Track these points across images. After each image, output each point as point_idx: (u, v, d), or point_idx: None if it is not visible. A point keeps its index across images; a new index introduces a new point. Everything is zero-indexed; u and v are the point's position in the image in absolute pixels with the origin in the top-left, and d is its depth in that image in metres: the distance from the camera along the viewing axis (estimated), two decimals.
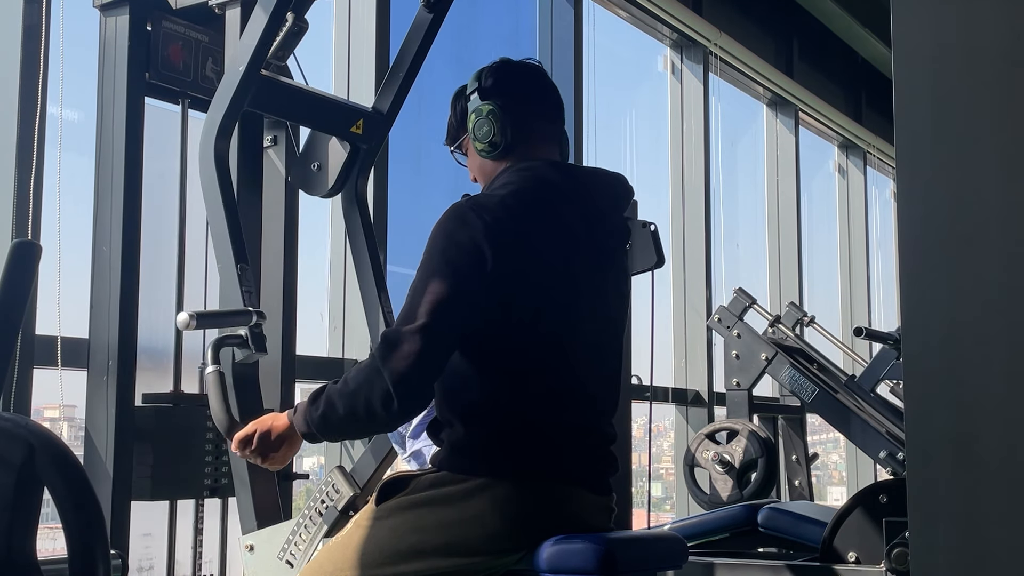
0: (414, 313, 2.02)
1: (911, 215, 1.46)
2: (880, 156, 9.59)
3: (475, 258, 2.04)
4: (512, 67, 2.31)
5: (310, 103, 2.90)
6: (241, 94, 2.65)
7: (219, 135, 2.64)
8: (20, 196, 3.14)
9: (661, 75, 7.01)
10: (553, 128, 2.30)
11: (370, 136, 2.94)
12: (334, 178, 2.93)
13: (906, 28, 1.48)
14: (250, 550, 2.60)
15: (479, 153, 2.26)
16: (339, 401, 2.05)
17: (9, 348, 2.12)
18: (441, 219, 2.10)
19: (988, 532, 1.38)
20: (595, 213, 2.22)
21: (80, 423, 3.39)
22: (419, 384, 2.02)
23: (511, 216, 2.09)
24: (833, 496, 9.10)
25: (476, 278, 2.04)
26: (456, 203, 2.11)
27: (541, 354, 2.11)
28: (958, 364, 1.41)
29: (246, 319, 2.51)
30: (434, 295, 2.02)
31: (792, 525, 4.03)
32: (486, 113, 2.22)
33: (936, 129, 1.45)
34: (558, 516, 2.07)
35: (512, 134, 2.22)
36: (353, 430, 2.16)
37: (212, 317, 2.58)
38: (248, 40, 2.66)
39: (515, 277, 2.07)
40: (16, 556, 1.73)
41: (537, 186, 2.16)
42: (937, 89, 1.46)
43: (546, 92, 2.31)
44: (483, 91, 2.26)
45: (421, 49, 2.93)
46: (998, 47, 1.43)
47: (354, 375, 2.05)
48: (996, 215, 1.41)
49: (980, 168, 1.43)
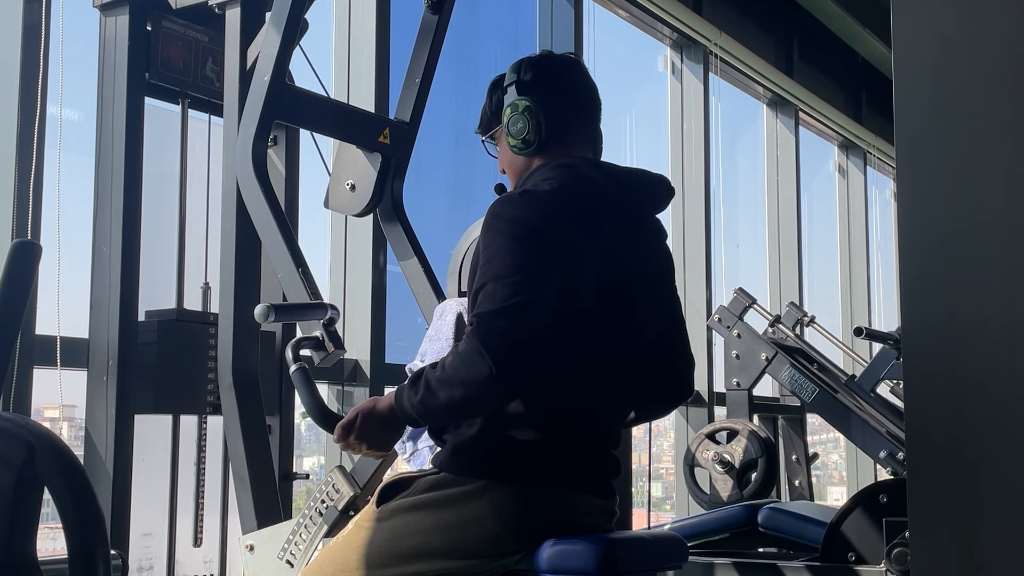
0: (502, 293, 1.96)
1: (911, 215, 1.46)
2: (880, 156, 9.59)
3: (542, 237, 2.00)
4: (552, 62, 2.26)
5: (338, 114, 2.90)
6: (271, 105, 2.65)
7: (255, 146, 2.64)
8: (20, 196, 3.14)
9: (661, 75, 7.01)
10: (589, 128, 2.26)
11: (398, 146, 2.93)
12: (370, 194, 2.91)
13: (906, 28, 1.48)
14: (250, 550, 2.60)
15: (511, 149, 2.21)
16: (438, 387, 1.97)
17: (9, 348, 2.12)
18: (494, 208, 2.05)
19: (988, 532, 1.38)
20: (633, 214, 2.19)
21: (80, 423, 3.39)
22: (520, 361, 1.96)
23: (562, 207, 2.05)
24: (833, 496, 9.10)
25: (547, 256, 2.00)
26: (504, 196, 2.08)
27: (557, 363, 2.07)
28: (958, 364, 1.41)
29: (321, 312, 2.47)
30: (517, 273, 1.97)
31: (792, 525, 4.02)
32: (522, 109, 2.18)
33: (936, 129, 1.45)
34: (558, 519, 2.06)
35: (547, 133, 2.18)
36: (455, 413, 2.05)
37: (290, 310, 2.54)
38: (268, 49, 2.66)
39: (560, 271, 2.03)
40: (16, 556, 1.73)
41: (578, 183, 2.12)
42: (937, 89, 1.46)
43: (585, 90, 2.27)
44: (521, 85, 2.20)
45: (432, 52, 2.93)
46: (998, 47, 1.43)
47: (451, 360, 1.97)
48: (996, 215, 1.41)
49: (980, 168, 1.43)
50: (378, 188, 2.91)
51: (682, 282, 6.73)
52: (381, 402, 2.08)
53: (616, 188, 2.17)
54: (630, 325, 2.16)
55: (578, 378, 2.10)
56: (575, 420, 2.11)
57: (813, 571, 3.69)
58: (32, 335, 3.14)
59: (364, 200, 2.92)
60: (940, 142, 1.45)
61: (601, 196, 2.14)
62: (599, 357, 2.11)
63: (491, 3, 5.87)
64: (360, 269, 4.40)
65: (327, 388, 4.38)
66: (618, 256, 2.14)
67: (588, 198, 2.11)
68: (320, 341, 2.46)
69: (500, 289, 1.96)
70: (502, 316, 1.95)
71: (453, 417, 2.08)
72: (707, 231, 6.79)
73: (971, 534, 1.38)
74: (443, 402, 1.97)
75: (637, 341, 2.18)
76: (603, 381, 2.13)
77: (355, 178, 2.93)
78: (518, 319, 1.95)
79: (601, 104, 2.30)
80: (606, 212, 2.13)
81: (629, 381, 2.19)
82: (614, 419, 2.21)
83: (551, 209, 2.04)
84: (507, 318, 1.94)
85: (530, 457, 2.06)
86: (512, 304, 1.95)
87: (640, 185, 2.24)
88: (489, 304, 1.96)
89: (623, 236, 2.15)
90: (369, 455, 2.16)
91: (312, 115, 2.86)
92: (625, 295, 2.14)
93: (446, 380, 1.96)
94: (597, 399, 2.14)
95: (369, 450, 2.12)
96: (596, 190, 2.13)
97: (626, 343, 2.16)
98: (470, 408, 2.02)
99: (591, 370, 2.11)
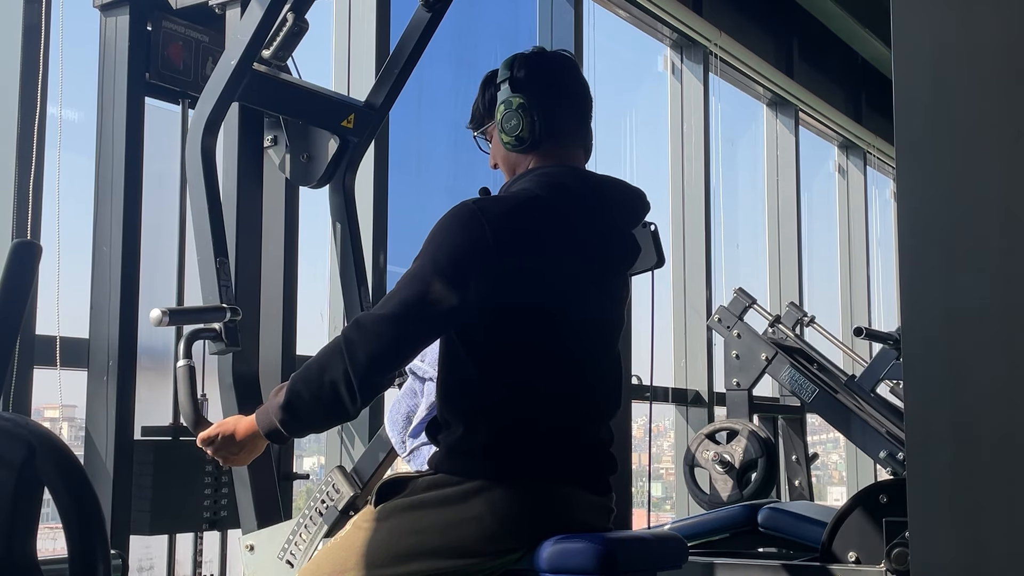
0: (391, 302, 2.02)
1: (911, 215, 1.46)
2: (880, 156, 9.59)
3: (469, 261, 2.02)
4: (546, 59, 2.26)
5: (302, 97, 2.88)
6: (232, 87, 2.64)
7: (207, 128, 2.64)
8: (20, 196, 3.14)
9: (661, 75, 7.01)
10: (581, 127, 2.26)
11: (361, 130, 2.94)
12: (323, 169, 2.94)
13: (906, 28, 1.48)
14: (250, 550, 2.60)
15: (504, 145, 2.22)
16: (303, 387, 2.04)
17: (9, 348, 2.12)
18: (445, 216, 2.08)
19: (988, 532, 1.38)
20: (608, 224, 2.20)
21: (80, 423, 3.39)
22: (378, 372, 2.02)
23: (515, 223, 2.07)
24: (833, 496, 9.10)
25: (465, 283, 2.01)
26: (463, 202, 2.09)
27: (541, 359, 2.10)
28: (958, 364, 1.41)
29: (220, 316, 2.51)
30: (415, 290, 2.01)
31: (792, 525, 4.02)
32: (516, 106, 2.18)
33: (936, 129, 1.45)
34: (556, 516, 2.06)
35: (540, 131, 2.18)
36: (319, 416, 2.09)
37: (185, 314, 2.58)
38: (242, 35, 2.65)
39: (515, 283, 2.05)
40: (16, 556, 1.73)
41: (552, 193, 2.13)
42: (937, 89, 1.46)
43: (578, 89, 2.27)
44: (515, 82, 2.20)
45: (417, 47, 2.93)
46: (998, 47, 1.43)
47: (316, 358, 2.04)
48: (996, 215, 1.41)
49: (980, 168, 1.43)
50: (332, 165, 2.94)
51: (682, 282, 6.73)
52: (241, 424, 2.18)
53: (593, 197, 2.19)
54: (601, 326, 2.21)
55: (561, 373, 2.12)
56: (569, 420, 2.12)
57: (813, 571, 3.69)
58: (32, 335, 3.14)
59: (317, 173, 2.96)
60: (940, 142, 1.45)
61: (575, 203, 2.15)
62: (577, 352, 2.14)
63: (491, 3, 5.87)
64: None
65: None
66: (589, 260, 2.16)
67: (559, 208, 2.12)
68: (218, 334, 2.51)
69: (389, 299, 2.02)
70: (378, 325, 2.00)
71: (318, 420, 2.12)
72: (707, 231, 6.78)
73: (971, 534, 1.38)
74: (308, 400, 2.04)
75: (609, 343, 2.23)
76: (585, 376, 2.15)
77: (312, 151, 2.96)
78: (391, 332, 2.00)
79: (593, 102, 2.30)
80: (579, 220, 2.14)
81: (611, 377, 2.23)
82: (602, 413, 2.22)
83: (502, 213, 2.06)
84: (380, 328, 2.00)
85: (526, 456, 2.06)
86: (393, 316, 2.00)
87: (615, 196, 2.25)
88: (380, 308, 2.03)
89: (595, 243, 2.17)
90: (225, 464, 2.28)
91: (275, 98, 2.84)
92: (597, 298, 2.18)
93: (310, 379, 2.03)
94: (590, 400, 2.16)
95: (224, 463, 2.26)
96: (571, 197, 2.15)
97: (599, 341, 2.20)
98: (330, 408, 2.04)
99: (573, 364, 2.13)
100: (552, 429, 2.09)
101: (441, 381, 2.13)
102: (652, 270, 3.20)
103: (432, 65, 3.00)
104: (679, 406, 6.59)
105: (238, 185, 2.89)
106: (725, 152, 7.51)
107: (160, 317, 2.40)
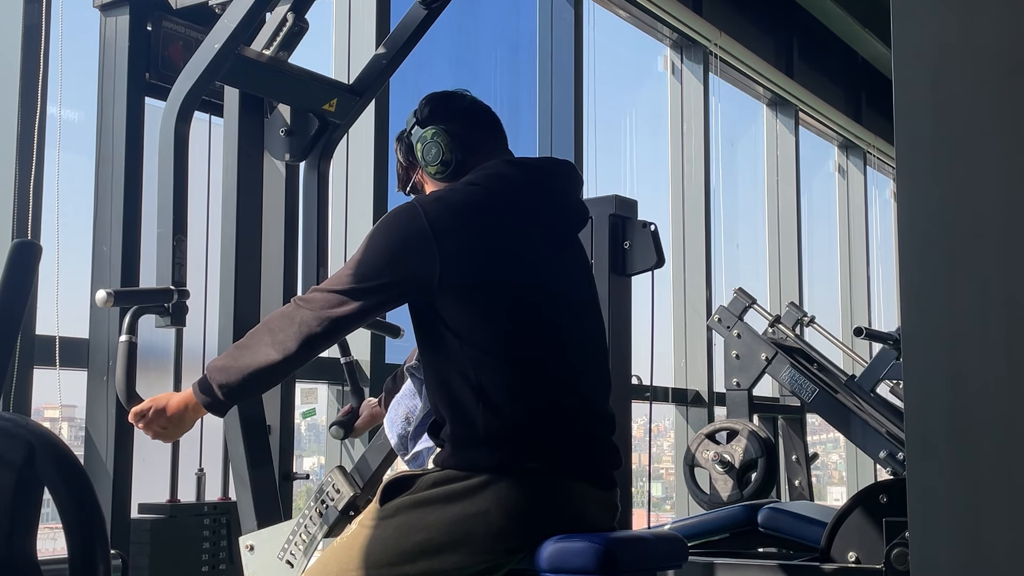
0: (338, 280, 2.11)
1: (911, 215, 1.46)
2: (880, 156, 9.59)
3: (414, 247, 2.09)
4: (446, 95, 2.36)
5: (285, 78, 2.87)
6: (212, 70, 2.63)
7: (182, 110, 2.63)
8: (20, 196, 3.14)
9: (661, 75, 7.01)
10: (497, 135, 2.34)
11: (343, 114, 2.94)
12: (300, 146, 2.94)
13: (906, 28, 1.48)
14: (250, 550, 2.60)
15: (434, 178, 2.29)
16: (243, 348, 2.13)
17: (9, 348, 2.12)
18: (386, 215, 2.17)
19: (988, 532, 1.38)
20: (553, 198, 2.26)
21: (80, 423, 3.39)
22: (316, 342, 2.11)
23: (462, 208, 2.13)
24: (833, 496, 9.10)
25: (409, 265, 2.09)
26: (403, 203, 2.17)
27: (528, 344, 2.12)
28: (958, 364, 1.41)
29: (167, 297, 2.51)
30: (360, 272, 2.10)
31: (792, 525, 4.02)
32: (431, 137, 2.27)
33: (936, 129, 1.45)
34: (562, 513, 2.07)
35: (462, 150, 2.26)
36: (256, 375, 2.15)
37: (131, 295, 2.57)
38: (228, 20, 2.64)
39: (471, 262, 2.10)
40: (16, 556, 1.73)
41: (490, 181, 2.19)
42: (937, 89, 1.46)
43: (484, 111, 2.36)
44: (422, 120, 2.30)
45: (409, 42, 2.93)
46: (998, 47, 1.43)
47: (270, 317, 2.15)
48: (996, 215, 1.41)
49: (980, 168, 1.43)
50: (309, 144, 2.95)
51: (682, 282, 6.73)
52: (174, 399, 2.25)
53: (530, 177, 2.25)
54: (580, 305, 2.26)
55: (562, 360, 2.15)
56: (567, 402, 2.14)
57: (813, 571, 3.69)
58: (32, 335, 3.14)
59: (293, 149, 2.97)
60: (940, 142, 1.45)
61: (517, 187, 2.21)
62: (564, 336, 2.18)
63: (491, 3, 5.87)
64: None
65: (327, 388, 4.38)
66: (543, 240, 2.22)
67: (502, 191, 2.19)
68: (165, 309, 2.52)
69: (337, 277, 2.13)
70: (325, 298, 2.11)
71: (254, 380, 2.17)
72: (707, 231, 6.78)
73: (971, 534, 1.38)
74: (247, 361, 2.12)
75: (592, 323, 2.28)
76: (578, 359, 2.18)
77: (290, 127, 2.96)
78: (335, 310, 2.10)
79: (500, 122, 2.38)
80: (525, 200, 2.21)
81: (600, 358, 2.27)
82: (599, 395, 2.24)
83: (444, 209, 2.12)
84: (326, 302, 2.10)
85: (530, 446, 2.07)
86: (339, 290, 2.10)
87: (552, 171, 2.31)
88: (329, 284, 2.13)
89: (546, 220, 2.23)
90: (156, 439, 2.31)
91: (256, 77, 2.83)
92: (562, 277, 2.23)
93: (252, 335, 2.14)
94: (579, 376, 2.18)
95: (155, 438, 2.29)
96: (509, 183, 2.21)
97: (583, 323, 2.24)
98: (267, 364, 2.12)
99: (564, 348, 2.16)
100: (550, 413, 2.11)
101: (430, 380, 2.15)
102: (652, 270, 3.20)
103: (432, 65, 3.00)
104: (679, 406, 6.59)
105: (238, 185, 2.88)
106: (725, 152, 7.51)
107: (106, 298, 2.40)
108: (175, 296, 2.52)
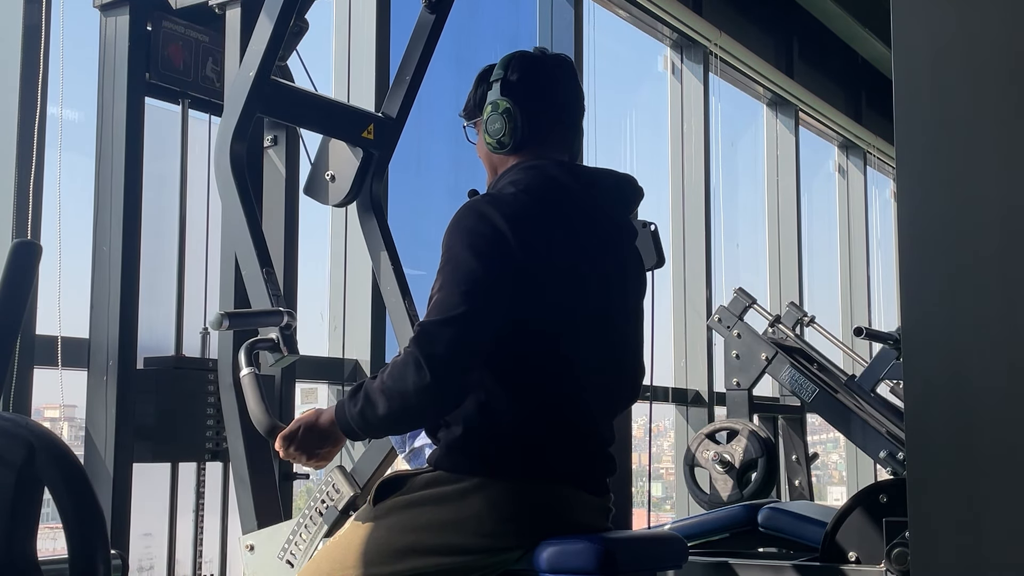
0: (449, 303, 1.99)
1: (911, 215, 1.46)
2: (880, 156, 9.59)
3: (501, 247, 2.02)
4: (542, 64, 2.25)
5: (321, 109, 2.89)
6: (253, 99, 2.64)
7: (234, 140, 2.64)
8: (20, 196, 3.14)
9: (661, 75, 7.01)
10: (568, 132, 2.27)
11: (381, 142, 2.93)
12: (348, 186, 2.92)
13: (906, 28, 1.48)
14: (250, 550, 2.61)
15: (487, 145, 2.23)
16: (377, 398, 2.00)
17: (9, 348, 2.12)
18: (457, 216, 2.08)
19: (988, 532, 1.38)
20: (602, 214, 2.21)
21: (80, 423, 3.39)
22: (458, 372, 1.99)
23: (527, 211, 2.08)
24: (833, 496, 9.10)
25: (506, 265, 2.02)
26: (469, 201, 2.09)
27: (541, 359, 2.10)
28: (958, 364, 1.41)
29: (277, 319, 2.47)
30: (467, 283, 1.99)
31: (792, 525, 4.02)
32: (502, 110, 2.19)
33: (936, 129, 1.45)
34: (553, 516, 2.07)
35: (523, 136, 2.19)
36: (394, 424, 2.08)
37: (244, 317, 2.55)
38: (256, 45, 2.65)
39: (529, 274, 2.05)
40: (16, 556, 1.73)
41: (546, 185, 2.14)
42: (937, 89, 1.46)
43: (570, 96, 2.27)
44: (505, 84, 2.20)
45: (425, 52, 2.93)
46: (998, 47, 1.43)
47: (390, 371, 2.00)
48: (996, 214, 1.41)
49: (980, 168, 1.43)
50: (357, 181, 2.92)
51: (682, 282, 6.73)
52: (323, 415, 2.11)
53: (583, 189, 2.19)
54: (605, 322, 2.18)
55: (561, 373, 2.11)
56: (569, 419, 2.12)
57: (813, 571, 3.70)
58: (32, 335, 3.14)
59: (343, 192, 2.93)
60: (940, 142, 1.45)
61: (569, 197, 2.15)
62: (578, 351, 2.13)
63: (491, 3, 5.87)
64: (360, 269, 4.40)
65: (327, 388, 4.39)
66: (588, 254, 2.16)
67: (556, 200, 2.13)
68: (276, 343, 2.46)
69: (449, 298, 1.99)
70: (447, 326, 1.98)
71: (393, 428, 2.13)
72: (707, 231, 6.78)
73: (971, 534, 1.38)
74: (382, 414, 2.00)
75: (613, 339, 2.21)
76: (586, 375, 2.14)
77: (336, 169, 2.94)
78: (463, 330, 1.98)
79: (585, 109, 2.31)
80: (575, 212, 2.15)
81: (611, 375, 2.21)
82: (603, 413, 2.21)
83: (512, 213, 2.05)
84: (452, 328, 1.97)
85: (524, 455, 2.07)
86: (459, 314, 1.98)
87: (608, 185, 2.25)
88: (436, 313, 1.99)
89: (592, 235, 2.17)
90: (309, 466, 2.19)
91: (295, 109, 2.85)
92: (598, 293, 2.17)
93: (384, 391, 1.99)
94: (583, 393, 2.15)
95: (309, 462, 2.15)
96: (564, 191, 2.15)
97: (603, 338, 2.18)
98: (408, 419, 2.07)
99: (573, 364, 2.12)
100: (552, 429, 2.09)
101: None
102: (652, 270, 3.20)
103: (432, 65, 2.99)
104: (679, 406, 6.59)
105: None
106: (725, 152, 7.51)
107: (220, 320, 2.37)
108: (284, 318, 2.47)
